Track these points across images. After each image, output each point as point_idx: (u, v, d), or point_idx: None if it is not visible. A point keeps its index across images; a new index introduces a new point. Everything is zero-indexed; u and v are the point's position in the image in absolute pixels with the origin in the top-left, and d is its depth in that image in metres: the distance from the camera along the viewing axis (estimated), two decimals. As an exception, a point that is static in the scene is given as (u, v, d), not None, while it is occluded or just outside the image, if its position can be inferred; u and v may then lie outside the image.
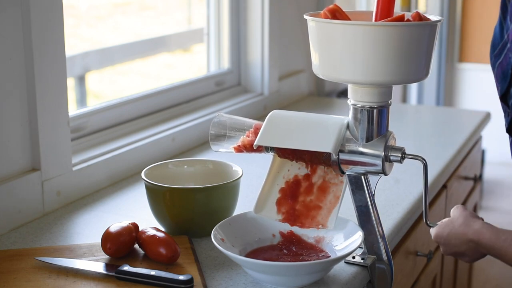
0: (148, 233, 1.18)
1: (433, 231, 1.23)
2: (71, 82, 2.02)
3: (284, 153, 1.19)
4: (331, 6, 1.12)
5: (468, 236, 1.16)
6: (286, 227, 1.21)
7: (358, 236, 1.15)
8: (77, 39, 2.12)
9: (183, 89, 2.04)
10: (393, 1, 1.12)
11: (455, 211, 1.21)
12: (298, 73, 2.50)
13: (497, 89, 1.26)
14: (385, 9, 1.12)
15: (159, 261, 1.16)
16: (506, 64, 1.22)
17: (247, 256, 1.16)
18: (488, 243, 1.14)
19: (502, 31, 1.24)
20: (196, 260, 1.18)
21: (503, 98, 1.25)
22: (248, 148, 1.20)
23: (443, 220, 1.23)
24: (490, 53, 1.27)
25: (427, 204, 1.18)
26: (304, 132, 1.14)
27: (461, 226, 1.18)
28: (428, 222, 1.21)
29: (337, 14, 1.11)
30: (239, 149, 1.21)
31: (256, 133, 1.19)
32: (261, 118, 1.22)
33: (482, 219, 1.19)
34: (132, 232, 1.19)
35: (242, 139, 1.20)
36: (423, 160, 1.14)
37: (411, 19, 1.12)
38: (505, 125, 1.28)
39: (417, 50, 1.07)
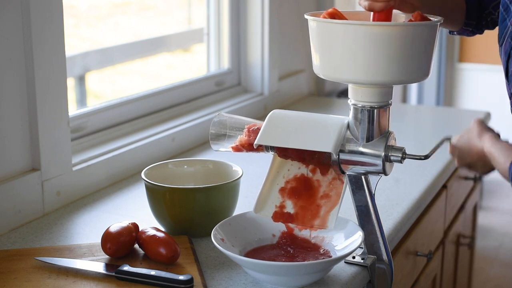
0: (148, 233, 1.18)
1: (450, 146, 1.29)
2: (71, 82, 2.02)
3: (284, 153, 1.18)
4: (330, 10, 1.12)
5: (480, 146, 1.22)
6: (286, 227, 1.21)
7: (358, 236, 1.15)
8: (77, 39, 2.12)
9: (183, 89, 2.04)
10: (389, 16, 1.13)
11: (472, 125, 1.27)
12: (298, 73, 2.50)
13: (504, 74, 1.27)
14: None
15: (159, 261, 1.15)
16: (508, 47, 1.22)
17: (246, 255, 1.16)
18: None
19: (504, 21, 1.25)
20: (196, 260, 1.18)
21: (507, 77, 1.26)
22: (246, 147, 1.20)
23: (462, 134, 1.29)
24: (499, 50, 1.28)
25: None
26: (304, 132, 1.14)
27: (476, 139, 1.24)
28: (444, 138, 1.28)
29: (336, 18, 1.11)
30: (237, 149, 1.21)
31: (251, 132, 1.19)
32: (261, 118, 1.22)
33: (493, 133, 1.23)
34: (132, 232, 1.19)
35: (239, 138, 1.20)
36: (423, 158, 1.14)
37: (412, 19, 1.12)
38: (510, 107, 1.29)
39: (417, 50, 1.07)
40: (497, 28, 1.40)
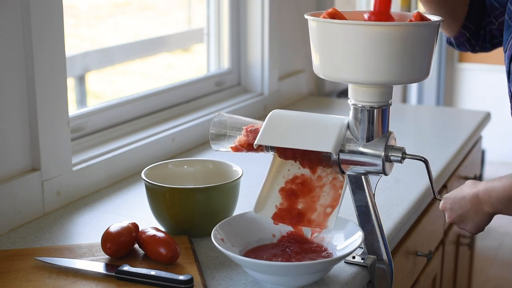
0: (148, 233, 1.18)
1: (442, 200, 1.26)
2: (71, 82, 2.02)
3: (284, 153, 1.18)
4: (330, 10, 1.12)
5: (475, 190, 1.19)
6: (286, 227, 1.21)
7: (358, 236, 1.15)
8: (77, 39, 2.12)
9: (183, 89, 2.04)
10: (389, 6, 1.12)
11: (466, 182, 1.24)
12: (298, 73, 2.50)
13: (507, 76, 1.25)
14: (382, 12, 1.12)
15: (159, 261, 1.15)
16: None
17: (246, 255, 1.16)
18: (500, 190, 1.15)
19: (509, 28, 1.25)
20: (196, 260, 1.18)
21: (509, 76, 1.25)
22: (246, 147, 1.20)
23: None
24: (504, 56, 1.28)
25: (432, 179, 1.18)
26: (304, 132, 1.14)
27: (469, 187, 1.21)
28: (437, 195, 1.22)
29: (336, 18, 1.11)
30: (236, 149, 1.21)
31: (249, 132, 1.19)
32: (261, 118, 1.22)
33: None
34: (132, 232, 1.19)
35: (238, 138, 1.20)
36: (423, 159, 1.14)
37: (412, 19, 1.12)
38: (510, 108, 1.28)
39: (418, 50, 1.07)
40: (496, 32, 1.40)
